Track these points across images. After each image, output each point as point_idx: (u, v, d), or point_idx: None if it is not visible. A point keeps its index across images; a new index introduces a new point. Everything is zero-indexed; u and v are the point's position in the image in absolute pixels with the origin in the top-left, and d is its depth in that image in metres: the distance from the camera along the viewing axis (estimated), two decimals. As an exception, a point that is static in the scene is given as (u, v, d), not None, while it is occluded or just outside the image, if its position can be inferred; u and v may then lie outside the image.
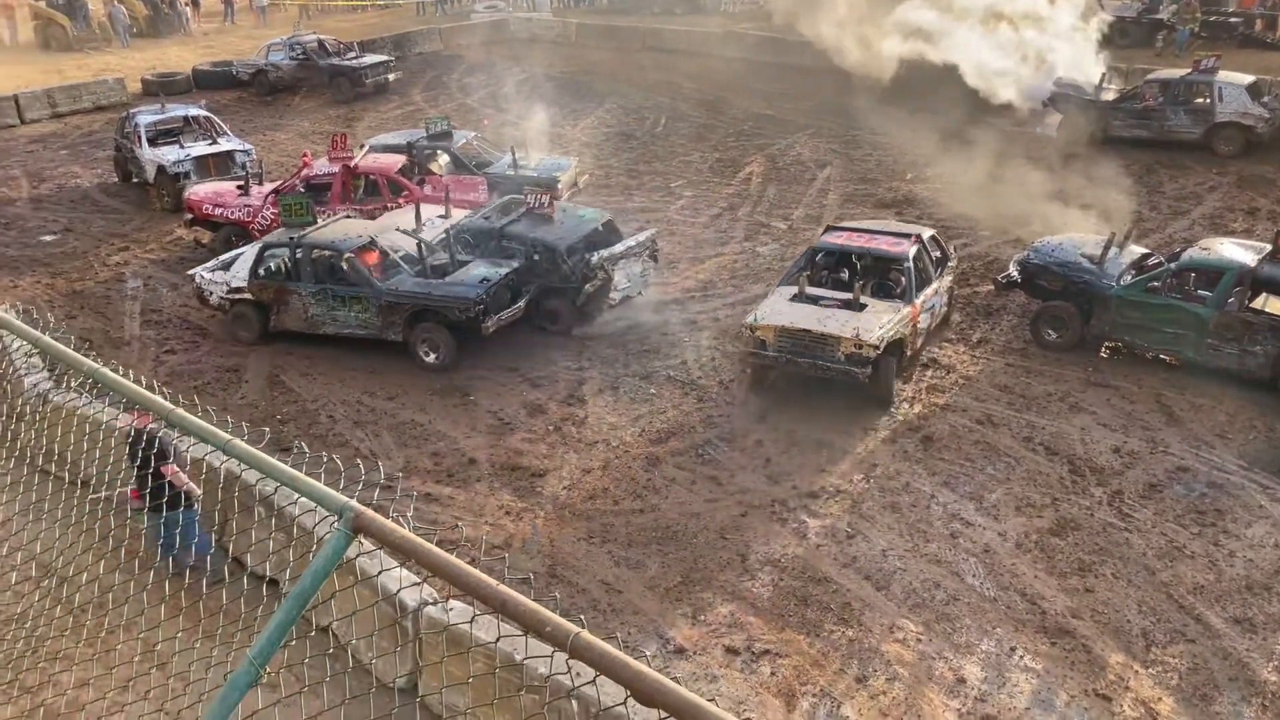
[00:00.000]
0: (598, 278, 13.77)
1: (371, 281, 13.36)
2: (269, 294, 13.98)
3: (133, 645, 5.33)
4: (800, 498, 10.41)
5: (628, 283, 14.26)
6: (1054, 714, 7.66)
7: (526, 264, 13.92)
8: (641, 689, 1.92)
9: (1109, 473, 10.70)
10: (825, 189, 20.11)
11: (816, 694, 7.85)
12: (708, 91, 28.67)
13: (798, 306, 12.27)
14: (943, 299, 13.52)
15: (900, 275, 12.54)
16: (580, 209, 15.43)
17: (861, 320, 11.74)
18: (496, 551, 9.60)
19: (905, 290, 12.37)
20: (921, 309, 12.54)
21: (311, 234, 13.97)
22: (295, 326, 14.04)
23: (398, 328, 13.38)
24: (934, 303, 13.07)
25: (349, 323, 13.67)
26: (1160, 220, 17.79)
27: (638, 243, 14.50)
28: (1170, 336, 12.43)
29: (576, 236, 14.18)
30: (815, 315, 11.99)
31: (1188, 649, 8.29)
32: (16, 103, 27.16)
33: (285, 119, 27.36)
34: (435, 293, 13.25)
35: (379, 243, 13.91)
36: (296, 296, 13.81)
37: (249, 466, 2.62)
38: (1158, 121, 21.01)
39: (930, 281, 12.90)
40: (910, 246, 12.73)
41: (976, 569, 9.27)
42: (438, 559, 2.18)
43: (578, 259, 13.83)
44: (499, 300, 13.37)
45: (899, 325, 11.96)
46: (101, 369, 3.17)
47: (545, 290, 13.98)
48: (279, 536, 7.38)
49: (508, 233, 14.19)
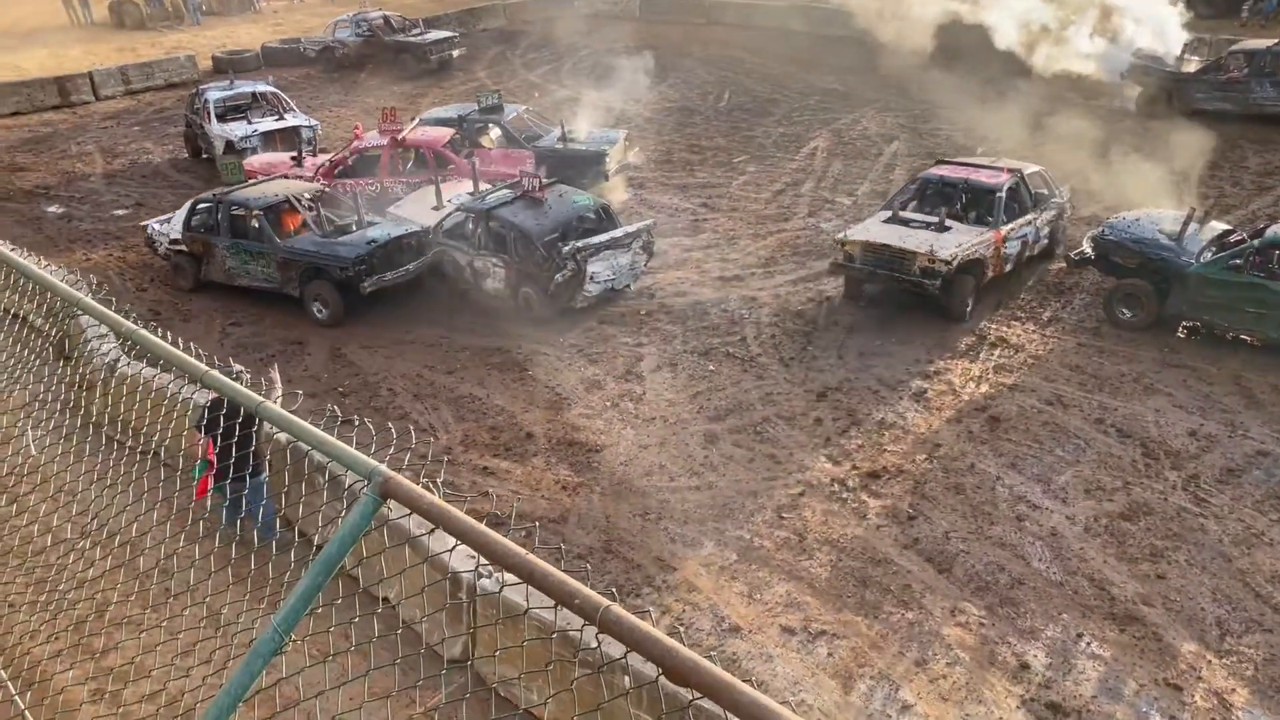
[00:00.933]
0: (567, 268, 13.47)
1: (272, 238, 14.37)
2: (197, 246, 15.13)
3: (195, 611, 5.38)
4: (861, 478, 10.22)
5: (610, 275, 13.96)
6: (1122, 703, 7.41)
7: (509, 249, 13.81)
8: (673, 666, 1.82)
9: (1184, 456, 10.32)
10: (892, 164, 19.71)
11: (874, 676, 7.70)
12: (772, 66, 28.27)
13: (887, 226, 13.70)
14: (1040, 232, 14.41)
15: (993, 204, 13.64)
16: (577, 194, 14.93)
17: (940, 240, 13.02)
18: (554, 525, 9.58)
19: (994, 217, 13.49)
20: (1007, 236, 13.59)
21: (232, 192, 15.18)
22: (218, 278, 15.16)
23: (294, 284, 14.39)
24: (1026, 233, 14.03)
25: (257, 276, 14.75)
26: (1243, 196, 17.12)
27: (625, 234, 14.14)
28: (1252, 316, 11.94)
29: (554, 223, 13.87)
30: (899, 234, 13.37)
31: (1264, 639, 7.96)
32: (91, 80, 27.81)
33: (351, 95, 27.61)
34: (321, 251, 14.20)
35: (293, 203, 14.89)
36: (218, 250, 14.90)
37: (281, 429, 2.56)
38: (1242, 94, 20.22)
39: (1025, 213, 13.96)
40: (1006, 178, 13.86)
41: (1043, 553, 9.01)
42: (465, 526, 2.09)
43: (550, 246, 13.53)
44: (392, 262, 14.22)
45: (979, 247, 13.20)
46: (139, 330, 3.15)
47: (524, 275, 13.80)
48: (339, 506, 7.42)
49: (493, 215, 13.99)
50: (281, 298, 14.77)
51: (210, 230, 14.99)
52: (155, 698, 5.23)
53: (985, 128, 20.60)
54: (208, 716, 2.46)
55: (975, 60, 23.47)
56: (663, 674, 1.88)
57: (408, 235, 14.57)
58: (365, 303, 14.20)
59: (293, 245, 14.35)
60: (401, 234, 14.52)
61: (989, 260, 13.45)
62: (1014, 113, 20.38)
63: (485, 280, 14.24)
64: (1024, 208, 14.02)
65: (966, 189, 13.98)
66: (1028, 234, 14.08)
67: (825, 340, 13.07)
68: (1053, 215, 14.66)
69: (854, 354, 12.70)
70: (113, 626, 6.07)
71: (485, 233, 14.09)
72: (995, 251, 13.49)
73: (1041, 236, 14.45)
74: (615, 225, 14.42)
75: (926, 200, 14.20)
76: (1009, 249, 13.72)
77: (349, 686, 5.00)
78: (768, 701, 1.73)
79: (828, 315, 13.82)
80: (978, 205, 13.82)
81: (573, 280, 13.59)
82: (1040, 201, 14.39)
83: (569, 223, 14.08)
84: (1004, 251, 13.63)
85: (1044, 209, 14.41)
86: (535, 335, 13.54)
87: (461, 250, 14.38)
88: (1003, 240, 13.52)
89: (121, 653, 5.93)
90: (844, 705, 7.42)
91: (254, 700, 4.76)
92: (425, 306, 14.55)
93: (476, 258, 14.19)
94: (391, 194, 17.02)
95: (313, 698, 3.22)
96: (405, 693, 6.04)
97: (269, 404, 2.56)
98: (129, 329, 3.17)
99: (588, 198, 15.00)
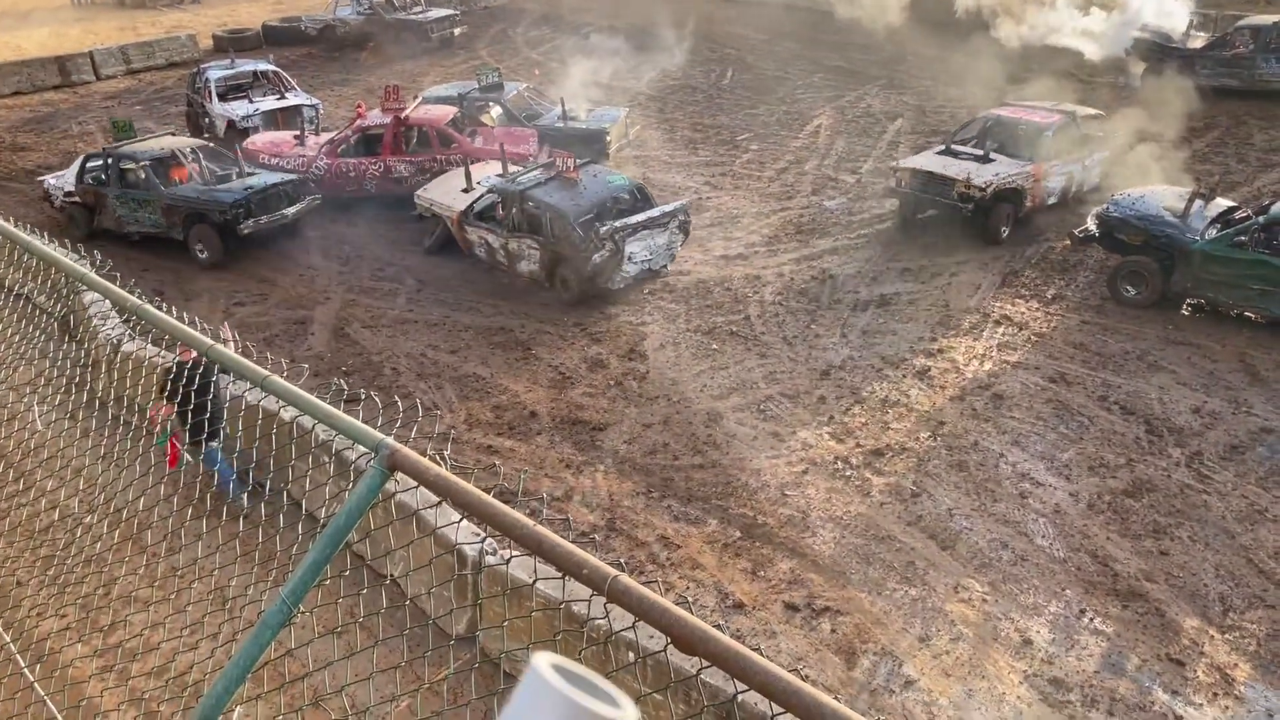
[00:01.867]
0: (605, 249, 13.30)
1: (157, 187, 15.67)
2: (90, 197, 16.32)
3: (202, 586, 5.41)
4: (864, 455, 10.23)
5: (648, 255, 13.75)
6: (1124, 678, 7.44)
7: (544, 230, 13.62)
8: (682, 635, 1.82)
9: (1188, 433, 10.32)
10: (896, 142, 19.62)
11: (878, 652, 7.73)
12: (776, 43, 28.12)
13: (938, 156, 15.41)
14: (1090, 171, 15.66)
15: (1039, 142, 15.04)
16: (611, 174, 14.85)
17: (980, 169, 14.63)
18: (558, 504, 9.60)
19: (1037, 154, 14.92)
20: (1048, 171, 14.99)
21: (121, 147, 16.47)
22: (110, 225, 16.29)
23: (179, 228, 15.72)
24: (1072, 169, 15.36)
25: (145, 223, 16.00)
26: (1248, 173, 17.04)
27: (662, 214, 13.89)
28: (1256, 293, 11.91)
29: (590, 204, 13.65)
30: (943, 163, 15.06)
31: (1267, 615, 7.99)
32: (92, 59, 27.70)
33: (352, 74, 27.49)
34: (202, 196, 15.55)
35: (178, 156, 16.12)
36: (108, 199, 16.05)
37: (287, 403, 2.56)
38: (1247, 70, 20.09)
39: (1072, 153, 15.28)
40: (1057, 120, 15.32)
41: (1046, 529, 9.03)
42: (473, 498, 2.10)
43: (587, 227, 13.31)
44: (269, 207, 15.53)
45: (1016, 178, 14.67)
46: (144, 305, 3.15)
47: (557, 257, 13.63)
48: (344, 484, 7.45)
49: (527, 195, 13.80)
50: (288, 278, 14.77)
51: (101, 182, 16.13)
52: (163, 672, 5.26)
53: (990, 104, 20.49)
54: (216, 688, 2.47)
55: (982, 38, 23.33)
56: (671, 643, 1.88)
57: (284, 183, 15.97)
58: (244, 245, 15.55)
59: (176, 192, 15.68)
60: (278, 182, 15.90)
61: (1027, 191, 14.85)
62: (1020, 88, 20.28)
63: (520, 263, 14.10)
64: (1073, 147, 15.28)
65: (1019, 127, 15.40)
66: (1073, 170, 15.34)
67: (829, 318, 13.06)
68: (1105, 156, 15.75)
69: (857, 332, 12.69)
70: (120, 602, 6.10)
71: (519, 214, 13.86)
72: (1034, 184, 14.87)
73: (1092, 176, 15.65)
74: (650, 205, 14.17)
75: (985, 137, 15.63)
76: (1051, 184, 15.12)
77: (356, 661, 5.03)
78: (778, 670, 1.73)
79: (831, 293, 13.80)
80: (1028, 143, 15.14)
81: (611, 261, 13.35)
82: (1092, 143, 15.61)
83: (604, 203, 13.83)
84: (1045, 185, 15.02)
85: (1095, 150, 15.63)
86: (539, 315, 13.54)
87: (495, 232, 14.24)
88: (1042, 174, 14.87)
89: (129, 628, 5.97)
90: (847, 681, 7.46)
91: (262, 674, 4.79)
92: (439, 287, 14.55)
93: (511, 239, 14.02)
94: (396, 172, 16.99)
95: (321, 668, 3.23)
96: (412, 667, 6.08)
97: (274, 377, 2.56)
98: (134, 304, 3.17)
99: (623, 177, 14.81)
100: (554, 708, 0.89)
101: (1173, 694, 7.29)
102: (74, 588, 5.67)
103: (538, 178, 14.15)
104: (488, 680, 6.80)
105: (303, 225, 16.30)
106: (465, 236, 14.78)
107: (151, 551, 6.10)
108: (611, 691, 0.92)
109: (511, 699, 0.92)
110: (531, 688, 0.91)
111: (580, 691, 0.90)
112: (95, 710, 5.17)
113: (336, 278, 15.06)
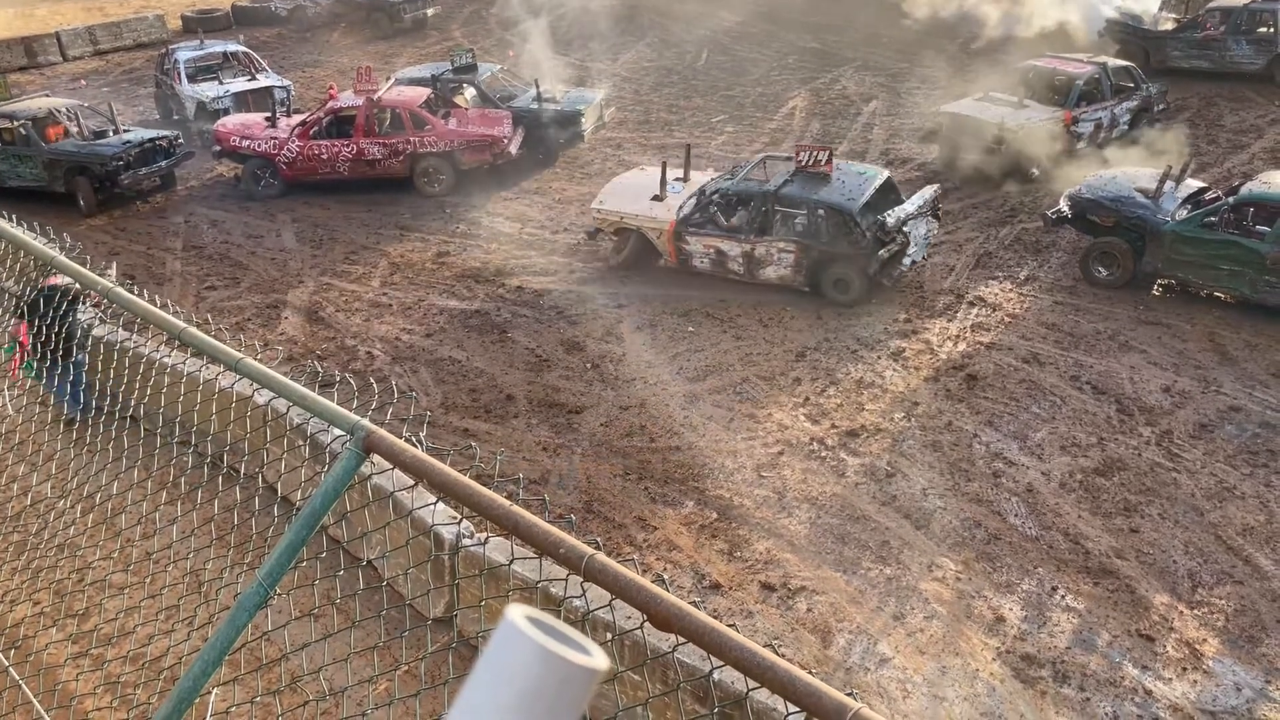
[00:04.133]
0: (895, 241, 12.48)
1: (38, 143, 16.69)
2: None
3: (177, 569, 5.38)
4: (839, 436, 10.29)
5: (914, 246, 12.95)
6: (1095, 653, 7.55)
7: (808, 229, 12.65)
8: (658, 613, 1.83)
9: (1158, 412, 10.45)
10: (870, 124, 19.66)
11: (853, 631, 7.80)
12: (751, 24, 28.04)
13: (976, 103, 16.86)
14: (1120, 118, 16.91)
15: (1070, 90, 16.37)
16: (856, 165, 14.02)
17: (1014, 114, 16.07)
18: (535, 487, 9.61)
19: (1068, 100, 16.24)
20: (1078, 116, 16.21)
21: (2, 106, 17.65)
22: None
23: (60, 181, 16.79)
24: (1100, 116, 16.59)
25: (26, 177, 16.96)
26: (1219, 154, 17.20)
27: (925, 200, 13.22)
28: (1226, 273, 12.05)
29: (865, 196, 12.67)
30: (979, 107, 16.57)
31: (1235, 590, 8.12)
32: (59, 40, 27.27)
33: (324, 55, 27.21)
34: (82, 150, 16.68)
35: (55, 114, 17.20)
36: None
37: (261, 385, 2.55)
38: (1218, 52, 20.23)
39: (1101, 99, 16.66)
40: (1088, 70, 16.71)
41: (1018, 508, 9.13)
42: (448, 478, 2.10)
43: (870, 221, 12.46)
44: (147, 160, 16.87)
45: (1048, 123, 15.92)
46: (115, 288, 3.12)
47: (830, 257, 12.64)
48: (318, 468, 7.41)
49: (783, 195, 12.85)
50: (260, 262, 14.65)
51: None
52: (138, 657, 5.23)
53: (963, 87, 20.56)
54: (193, 671, 2.46)
55: (955, 21, 23.39)
56: (647, 620, 1.90)
57: (160, 138, 17.26)
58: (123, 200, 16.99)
59: (58, 148, 16.75)
60: (154, 137, 17.21)
61: (1057, 135, 15.91)
62: (991, 73, 20.35)
63: (765, 269, 13.05)
64: (1103, 94, 16.68)
65: (1056, 77, 16.88)
66: (1102, 117, 16.61)
67: (804, 301, 13.10)
68: (1134, 104, 17.04)
69: (832, 314, 12.74)
70: (94, 588, 6.07)
71: (768, 216, 12.92)
72: (1064, 128, 16.04)
73: (1121, 122, 16.91)
74: (899, 194, 13.32)
75: (1026, 86, 17.05)
76: (1080, 128, 16.28)
77: (333, 643, 5.03)
78: (752, 645, 1.75)
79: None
80: (1061, 90, 16.58)
81: (898, 254, 12.61)
82: (1122, 92, 16.99)
83: (869, 196, 12.76)
84: (1075, 130, 16.18)
85: (1125, 99, 16.96)
86: (512, 298, 13.50)
87: (731, 238, 13.12)
88: (1072, 120, 16.08)
89: (103, 613, 5.93)
90: (823, 659, 7.53)
91: (238, 657, 4.78)
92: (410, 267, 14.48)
93: (759, 245, 12.93)
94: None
95: (298, 650, 3.23)
96: (390, 649, 6.08)
97: (247, 359, 2.54)
98: (105, 287, 3.14)
99: (869, 168, 13.96)
100: (527, 656, 0.92)
101: (1142, 669, 7.40)
102: (47, 573, 5.63)
103: (784, 176, 13.22)
104: (465, 662, 6.81)
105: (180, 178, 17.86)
106: (683, 246, 13.51)
107: (125, 537, 6.06)
108: (583, 641, 0.95)
109: (486, 649, 0.95)
110: (505, 638, 0.94)
111: (553, 640, 0.92)
112: (70, 695, 5.15)
113: (309, 261, 14.96)
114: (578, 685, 0.94)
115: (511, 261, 14.58)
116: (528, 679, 0.92)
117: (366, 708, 5.45)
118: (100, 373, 8.22)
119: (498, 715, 0.92)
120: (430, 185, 17.06)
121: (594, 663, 0.94)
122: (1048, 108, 16.34)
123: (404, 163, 16.92)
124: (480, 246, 15.15)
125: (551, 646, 0.92)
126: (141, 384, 7.98)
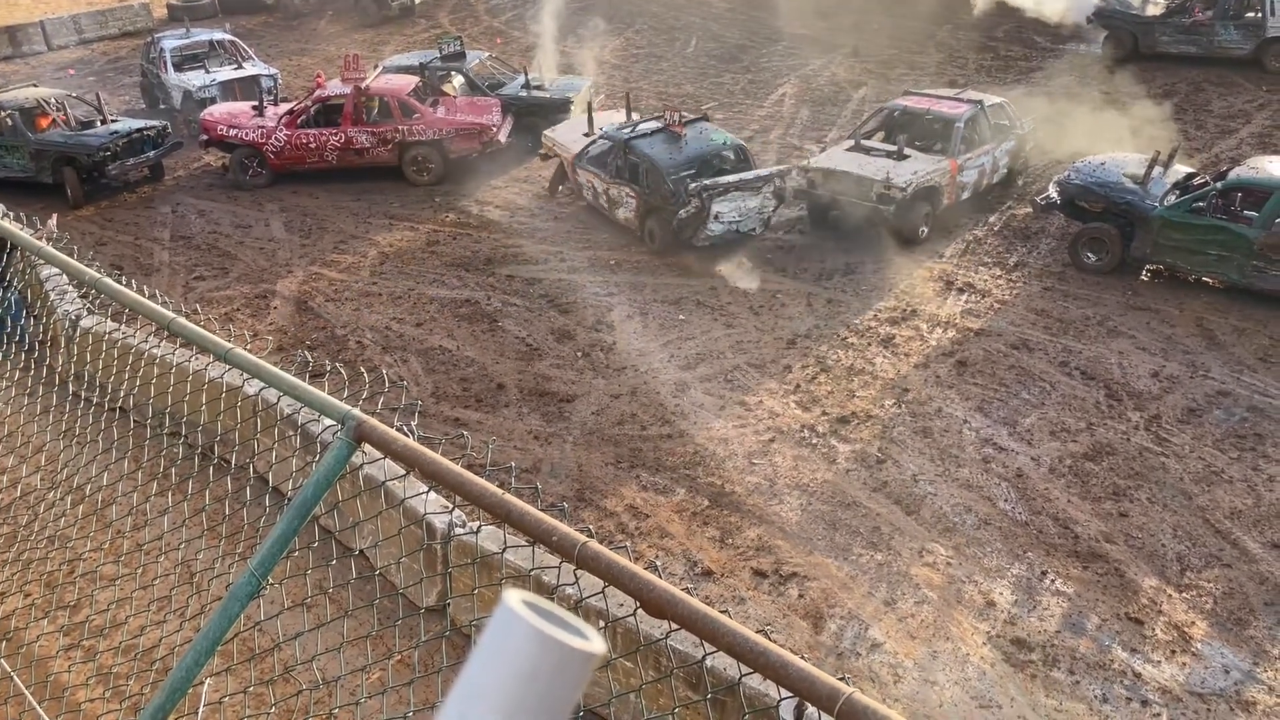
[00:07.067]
0: (691, 205, 13.43)
1: (25, 134, 16.72)
2: None
3: (167, 560, 5.37)
4: (830, 423, 10.31)
5: (736, 217, 13.77)
6: (1085, 637, 7.60)
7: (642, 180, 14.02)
8: (650, 599, 1.84)
9: (1147, 397, 10.50)
10: (860, 111, 19.62)
11: (844, 616, 7.83)
12: (740, 11, 27.97)
13: (849, 154, 14.39)
14: (999, 161, 14.98)
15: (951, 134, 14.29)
16: (716, 132, 14.96)
17: (897, 167, 13.71)
18: (526, 475, 9.61)
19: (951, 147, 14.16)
20: (963, 165, 14.20)
21: None
22: None
23: (48, 172, 16.79)
24: (983, 162, 14.62)
25: (13, 168, 17.05)
26: (1207, 139, 17.24)
27: (756, 177, 13.88)
28: (1214, 258, 12.09)
29: (688, 159, 13.99)
30: (858, 161, 14.09)
31: (1223, 573, 8.17)
32: (43, 29, 27.10)
33: (311, 43, 27.06)
34: (70, 141, 16.73)
35: (43, 105, 17.23)
36: None
37: (251, 376, 2.54)
38: (1206, 37, 20.24)
39: (983, 144, 14.53)
40: (965, 110, 14.51)
41: (1008, 494, 9.17)
42: (440, 467, 2.10)
43: (679, 182, 13.60)
44: (134, 150, 16.97)
45: (934, 175, 13.82)
46: (103, 279, 3.10)
47: (649, 207, 14.01)
48: (309, 457, 7.40)
49: (631, 145, 14.24)
50: (249, 252, 14.59)
51: None
52: (130, 648, 5.23)
53: (951, 74, 20.57)
54: (185, 661, 2.46)
55: (953, 6, 23.38)
56: (640, 607, 1.90)
57: (147, 128, 17.26)
58: (110, 191, 17.01)
59: (45, 138, 16.79)
60: (141, 127, 17.20)
61: (944, 188, 14.08)
62: (981, 59, 20.36)
63: (618, 209, 14.60)
64: (983, 138, 14.60)
65: (927, 119, 14.70)
66: (984, 163, 14.67)
67: (794, 288, 13.11)
68: (1012, 146, 15.16)
69: (822, 302, 12.75)
70: (85, 579, 6.06)
71: (622, 162, 14.34)
72: (950, 179, 14.13)
73: (1001, 166, 15.06)
74: (750, 167, 14.33)
75: (890, 129, 14.93)
76: (964, 178, 14.37)
77: (325, 633, 5.03)
78: (745, 630, 1.76)
79: (797, 262, 13.85)
80: (938, 135, 14.51)
81: (696, 217, 13.57)
82: (1000, 132, 14.90)
83: (703, 160, 14.17)
84: (959, 180, 14.27)
85: (1003, 140, 14.93)
86: (504, 287, 13.49)
87: (600, 177, 14.73)
88: (958, 169, 14.15)
89: (94, 605, 5.92)
90: (815, 644, 7.56)
91: (231, 647, 4.77)
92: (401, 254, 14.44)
93: (612, 185, 14.53)
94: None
95: (290, 639, 3.23)
96: (382, 639, 6.09)
97: (238, 349, 2.54)
98: (93, 278, 3.12)
99: (726, 137, 14.97)
100: (525, 640, 0.92)
101: (1131, 652, 7.45)
102: (38, 565, 5.62)
103: (646, 130, 14.60)
104: (458, 650, 6.82)
105: (166, 167, 17.89)
106: (576, 178, 15.42)
107: (116, 528, 6.06)
108: (580, 625, 0.96)
109: (483, 634, 0.95)
110: (502, 622, 0.94)
111: (550, 625, 0.93)
112: (62, 687, 5.14)
113: (299, 251, 14.91)
114: (574, 669, 0.95)
115: (501, 250, 14.57)
116: (525, 663, 0.93)
117: (359, 697, 5.46)
118: (89, 364, 8.19)
119: (495, 699, 0.93)
120: (419, 174, 17.01)
121: (591, 647, 0.95)
122: (930, 155, 14.13)
123: (393, 151, 16.86)
124: (470, 235, 15.12)
125: (548, 630, 0.93)
126: (131, 375, 7.96)
